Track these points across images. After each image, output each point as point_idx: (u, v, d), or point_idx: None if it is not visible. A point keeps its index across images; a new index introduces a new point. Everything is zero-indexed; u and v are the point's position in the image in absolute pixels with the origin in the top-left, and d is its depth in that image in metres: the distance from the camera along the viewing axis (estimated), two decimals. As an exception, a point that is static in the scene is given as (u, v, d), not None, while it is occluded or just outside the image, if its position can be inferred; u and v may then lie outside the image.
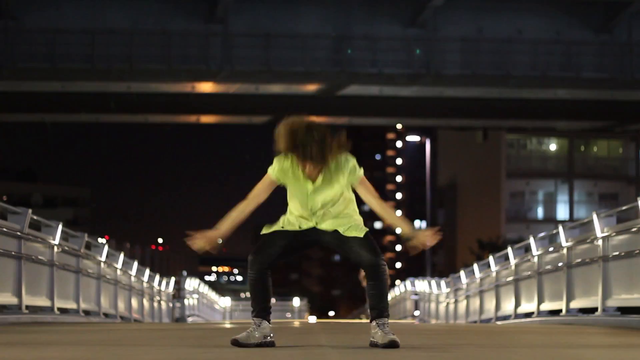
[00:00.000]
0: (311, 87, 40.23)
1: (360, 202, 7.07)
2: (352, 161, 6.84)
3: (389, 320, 6.78)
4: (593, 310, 13.38)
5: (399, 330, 7.65)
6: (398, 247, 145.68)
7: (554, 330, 10.61)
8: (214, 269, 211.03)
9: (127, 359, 5.93)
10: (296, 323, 15.59)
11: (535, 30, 40.20)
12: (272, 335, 6.82)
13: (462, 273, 25.18)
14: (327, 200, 6.82)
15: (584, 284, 14.08)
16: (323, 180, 6.78)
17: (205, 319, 37.19)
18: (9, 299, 12.68)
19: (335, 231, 6.81)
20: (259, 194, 6.83)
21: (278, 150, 6.69)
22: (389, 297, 44.54)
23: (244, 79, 39.48)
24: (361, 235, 6.82)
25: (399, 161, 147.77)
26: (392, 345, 6.60)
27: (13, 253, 12.76)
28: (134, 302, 22.27)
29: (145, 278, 24.13)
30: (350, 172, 6.84)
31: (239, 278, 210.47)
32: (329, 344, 7.37)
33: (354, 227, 6.84)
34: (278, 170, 6.77)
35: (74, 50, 37.49)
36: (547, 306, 16.06)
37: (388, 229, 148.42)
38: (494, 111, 44.97)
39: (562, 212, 68.06)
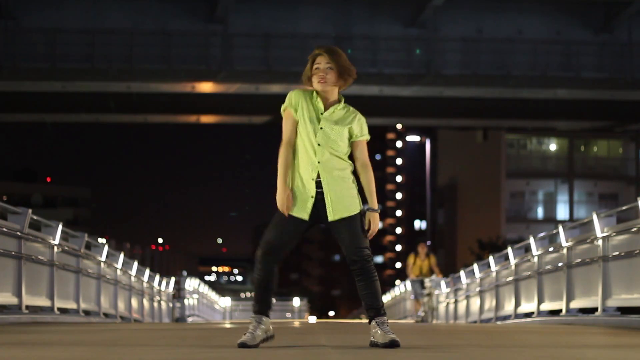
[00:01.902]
0: (311, 87, 40.21)
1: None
2: (364, 120, 7.05)
3: (389, 320, 6.79)
4: (593, 310, 13.38)
5: (399, 330, 7.66)
6: (398, 247, 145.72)
7: (554, 330, 10.61)
8: (214, 269, 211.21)
9: (127, 359, 5.93)
10: (296, 323, 15.58)
11: (535, 30, 40.21)
12: (271, 328, 6.84)
13: (462, 273, 25.16)
14: (335, 140, 6.80)
15: (584, 284, 14.08)
16: (334, 113, 6.87)
17: (205, 319, 37.19)
18: (9, 299, 12.68)
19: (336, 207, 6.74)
20: (291, 136, 6.83)
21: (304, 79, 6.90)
22: (389, 297, 43.70)
23: (244, 79, 39.49)
24: (355, 212, 6.76)
25: (399, 161, 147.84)
26: (393, 345, 6.60)
27: (13, 253, 12.75)
28: (134, 302, 22.27)
29: (145, 278, 24.13)
30: (360, 124, 6.99)
31: (239, 278, 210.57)
32: (329, 344, 7.36)
33: (349, 205, 6.78)
34: (295, 99, 6.86)
35: (74, 50, 37.50)
36: (547, 306, 16.06)
37: (388, 229, 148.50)
38: (494, 111, 44.97)
39: (562, 212, 68.08)
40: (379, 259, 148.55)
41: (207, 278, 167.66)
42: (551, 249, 15.97)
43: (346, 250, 6.78)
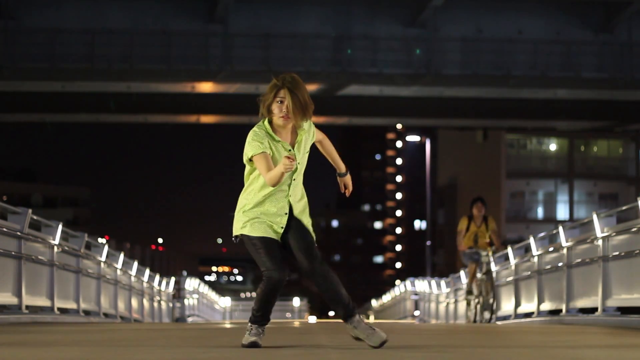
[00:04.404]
0: (311, 87, 40.20)
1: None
2: (313, 125, 6.93)
3: (389, 320, 6.79)
4: (593, 310, 13.39)
5: (399, 330, 7.66)
6: (398, 247, 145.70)
7: (554, 330, 10.61)
8: (214, 269, 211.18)
9: (127, 359, 5.93)
10: (296, 323, 15.58)
11: (535, 30, 40.19)
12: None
13: (462, 273, 25.17)
14: (303, 167, 6.86)
15: (584, 284, 14.09)
16: (300, 142, 6.80)
17: (205, 319, 37.21)
18: (9, 299, 12.68)
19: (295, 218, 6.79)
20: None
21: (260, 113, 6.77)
22: (389, 297, 43.63)
23: (244, 79, 39.47)
24: (309, 222, 6.85)
25: (399, 161, 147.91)
26: (383, 344, 6.62)
27: (13, 253, 12.76)
28: (134, 302, 22.28)
29: (145, 278, 24.14)
30: (313, 132, 6.92)
31: (239, 278, 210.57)
32: (329, 344, 7.36)
33: (305, 211, 6.87)
34: (264, 142, 6.70)
35: (74, 50, 37.48)
36: (547, 306, 16.07)
37: (388, 229, 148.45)
38: (494, 111, 44.96)
39: (562, 212, 68.08)
40: (379, 259, 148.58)
41: (207, 278, 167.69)
42: (551, 249, 15.97)
43: (299, 259, 6.79)
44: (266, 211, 6.76)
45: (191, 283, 34.94)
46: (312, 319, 40.45)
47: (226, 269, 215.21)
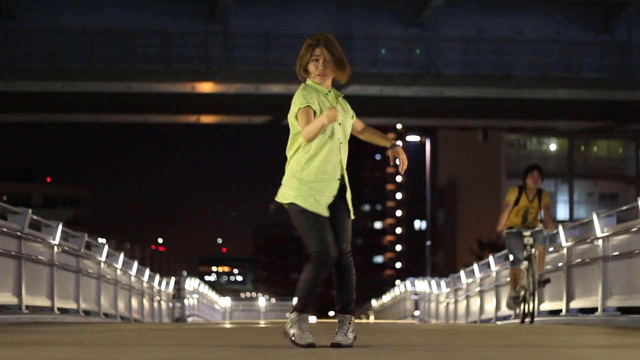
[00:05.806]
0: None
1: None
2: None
3: (389, 320, 6.80)
4: (593, 310, 13.39)
5: (399, 330, 7.65)
6: (398, 247, 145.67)
7: (554, 330, 10.61)
8: (214, 269, 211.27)
9: (127, 359, 5.93)
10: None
11: (535, 30, 40.21)
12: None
13: (462, 273, 25.18)
14: (349, 132, 6.78)
15: (584, 284, 14.09)
16: (340, 104, 6.74)
17: (205, 319, 37.20)
18: (9, 299, 12.68)
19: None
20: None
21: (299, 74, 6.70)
22: (389, 297, 43.64)
23: (244, 79, 39.47)
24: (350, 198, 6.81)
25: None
26: (339, 345, 6.63)
27: (13, 253, 12.76)
28: (134, 302, 22.28)
29: (145, 278, 24.14)
30: (352, 114, 6.88)
31: (239, 278, 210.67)
32: (329, 344, 7.35)
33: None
34: (310, 98, 6.60)
35: (74, 50, 37.50)
36: (547, 306, 16.07)
37: (388, 229, 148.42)
38: (494, 111, 44.97)
39: (562, 212, 68.08)
40: (379, 259, 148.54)
41: (207, 278, 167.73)
42: (551, 249, 15.97)
43: (337, 240, 6.70)
44: (321, 179, 6.58)
45: (191, 283, 34.94)
46: (312, 319, 40.39)
47: (226, 269, 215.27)
